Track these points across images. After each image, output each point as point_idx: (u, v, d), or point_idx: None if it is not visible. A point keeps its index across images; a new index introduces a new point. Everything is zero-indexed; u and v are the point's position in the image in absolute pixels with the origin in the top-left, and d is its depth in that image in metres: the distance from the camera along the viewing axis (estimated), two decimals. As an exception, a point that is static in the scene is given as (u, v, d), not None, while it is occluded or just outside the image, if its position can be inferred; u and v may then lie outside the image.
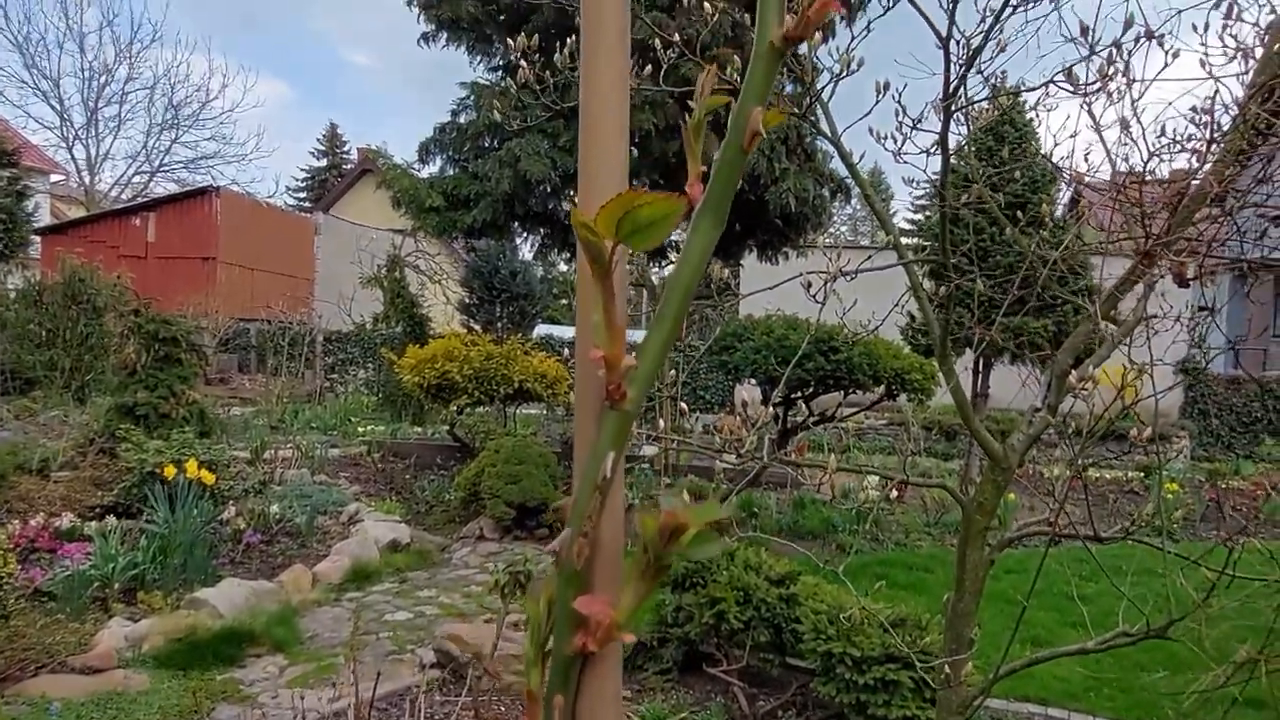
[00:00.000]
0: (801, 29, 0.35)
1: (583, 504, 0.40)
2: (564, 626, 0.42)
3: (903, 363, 7.62)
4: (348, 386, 17.36)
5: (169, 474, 7.02)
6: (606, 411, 0.41)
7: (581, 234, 0.35)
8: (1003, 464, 3.11)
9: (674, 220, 0.35)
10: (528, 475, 7.58)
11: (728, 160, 0.38)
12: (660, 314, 0.41)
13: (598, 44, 0.41)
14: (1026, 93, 2.57)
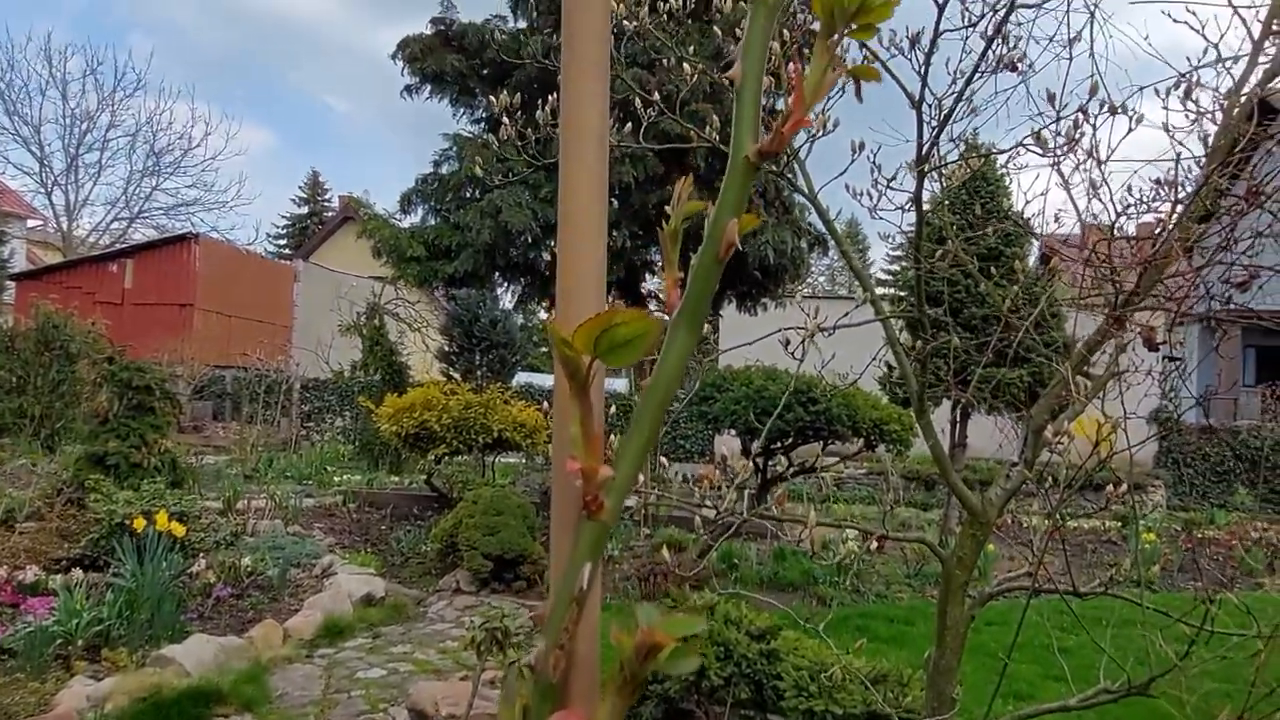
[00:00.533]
0: (775, 144, 0.36)
1: (559, 616, 0.40)
2: None
3: (881, 413, 7.66)
4: (324, 435, 17.17)
5: (138, 526, 6.87)
6: (583, 522, 0.41)
7: (559, 350, 0.36)
8: (981, 518, 3.12)
9: (651, 338, 0.36)
10: (506, 526, 7.49)
11: (704, 269, 0.38)
12: (637, 421, 0.42)
13: (578, 150, 0.42)
14: (997, 155, 2.64)
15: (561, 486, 0.43)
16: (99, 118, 27.80)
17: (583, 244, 0.41)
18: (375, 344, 14.29)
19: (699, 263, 0.39)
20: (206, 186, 28.98)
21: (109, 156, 28.36)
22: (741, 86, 0.37)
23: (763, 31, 0.36)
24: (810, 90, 0.35)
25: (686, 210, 0.41)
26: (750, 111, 0.37)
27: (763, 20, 0.35)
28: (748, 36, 0.36)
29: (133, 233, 27.85)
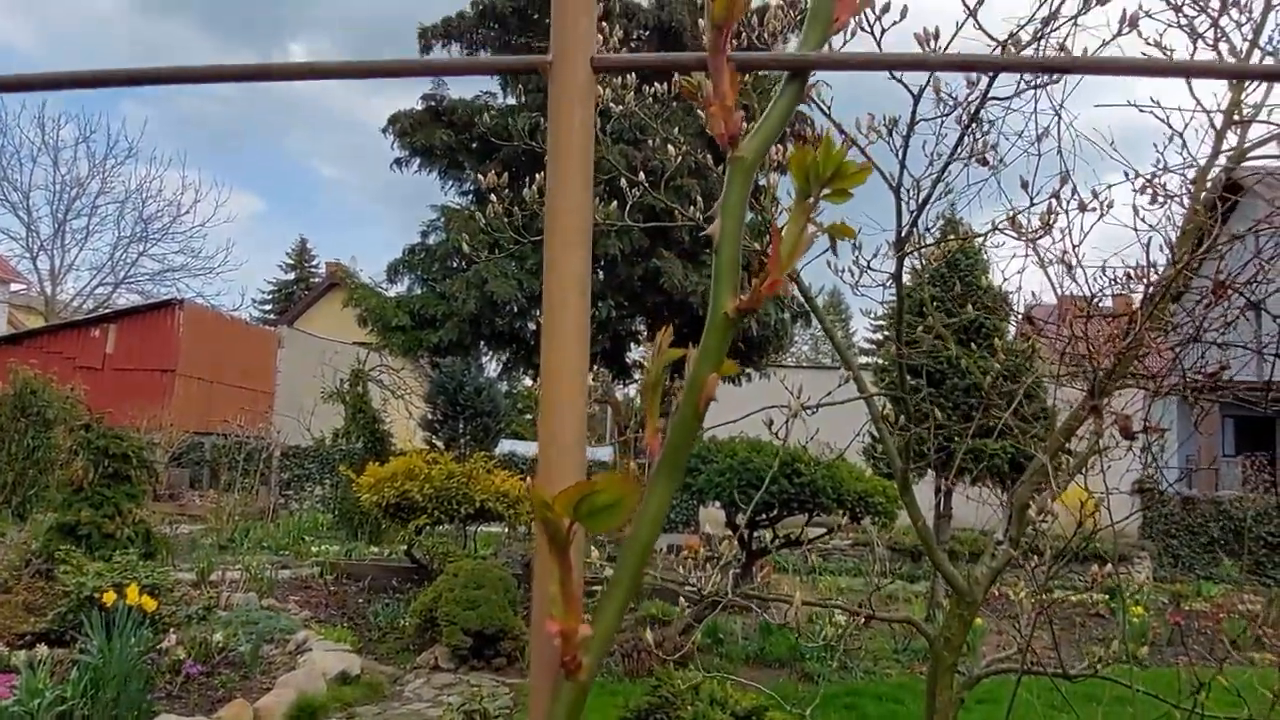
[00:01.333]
0: (753, 301, 0.38)
1: None
2: None
3: (866, 485, 7.64)
4: (303, 503, 16.88)
5: (108, 600, 6.68)
6: (562, 682, 0.41)
7: (540, 512, 0.36)
8: (968, 598, 3.09)
9: (631, 503, 0.36)
10: (487, 600, 7.34)
11: (683, 423, 0.39)
12: (617, 577, 0.42)
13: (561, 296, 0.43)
14: (973, 238, 2.70)
15: (540, 647, 0.43)
16: (89, 184, 28.02)
17: (565, 402, 0.42)
18: (358, 411, 14.18)
19: (679, 416, 0.39)
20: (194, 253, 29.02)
21: (97, 222, 28.48)
22: (720, 245, 0.38)
23: (740, 192, 0.37)
24: (787, 251, 0.36)
25: (666, 358, 0.42)
26: (729, 269, 0.38)
27: (740, 181, 0.37)
28: (725, 197, 0.37)
29: (117, 298, 27.80)
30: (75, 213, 27.95)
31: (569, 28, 0.45)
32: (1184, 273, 3.04)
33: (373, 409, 15.00)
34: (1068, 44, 2.46)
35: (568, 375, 0.42)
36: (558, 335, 0.42)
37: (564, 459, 0.42)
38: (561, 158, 0.43)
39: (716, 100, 0.38)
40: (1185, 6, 3.58)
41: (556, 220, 0.43)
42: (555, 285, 0.43)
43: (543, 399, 0.42)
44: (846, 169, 0.36)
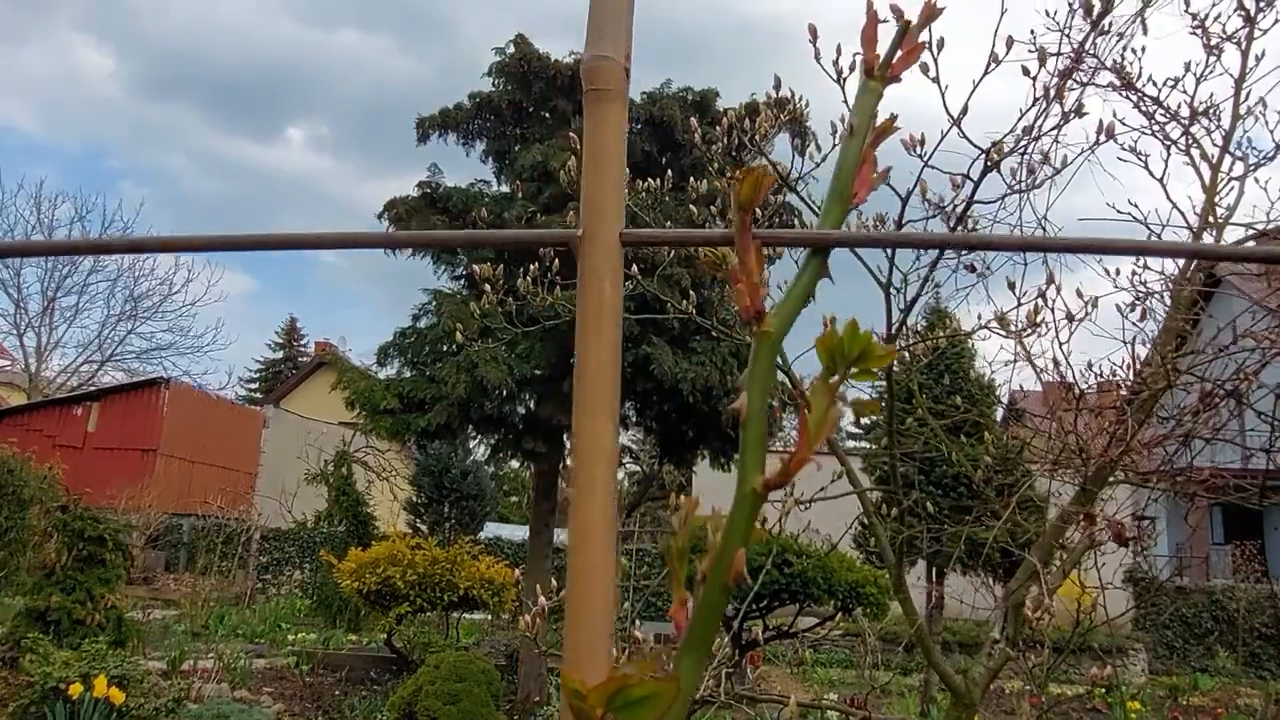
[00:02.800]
0: (781, 479, 0.38)
1: None
2: None
3: (857, 576, 7.53)
4: (281, 588, 16.46)
5: (74, 692, 6.44)
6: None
7: (573, 701, 0.36)
8: (965, 699, 3.03)
9: (666, 700, 0.36)
10: (469, 694, 7.10)
11: (710, 600, 0.39)
12: None
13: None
14: (962, 336, 2.75)
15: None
16: (81, 262, 28.15)
17: (595, 567, 0.42)
18: (341, 493, 13.98)
19: (705, 593, 0.40)
20: (183, 331, 29.02)
21: (87, 300, 28.52)
22: (746, 420, 0.39)
23: (766, 365, 0.38)
24: (814, 429, 0.37)
25: (693, 525, 0.43)
26: (755, 446, 0.39)
27: (766, 355, 0.38)
28: (751, 371, 0.38)
29: (103, 376, 27.61)
30: (66, 290, 28.02)
31: (599, 203, 0.46)
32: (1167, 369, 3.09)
33: (356, 491, 14.80)
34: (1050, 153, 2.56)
35: (597, 547, 0.42)
36: (585, 505, 0.43)
37: (594, 638, 0.41)
38: (590, 330, 0.44)
39: (743, 277, 0.39)
40: (1157, 114, 3.74)
41: (585, 388, 0.43)
42: (585, 455, 0.43)
43: (571, 569, 0.42)
44: (873, 350, 0.37)
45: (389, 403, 7.89)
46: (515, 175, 8.58)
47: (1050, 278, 2.58)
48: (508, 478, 32.34)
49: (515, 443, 8.49)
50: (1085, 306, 2.75)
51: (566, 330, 7.90)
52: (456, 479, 14.68)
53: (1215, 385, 2.39)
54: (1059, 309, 2.64)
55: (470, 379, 7.45)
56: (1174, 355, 2.75)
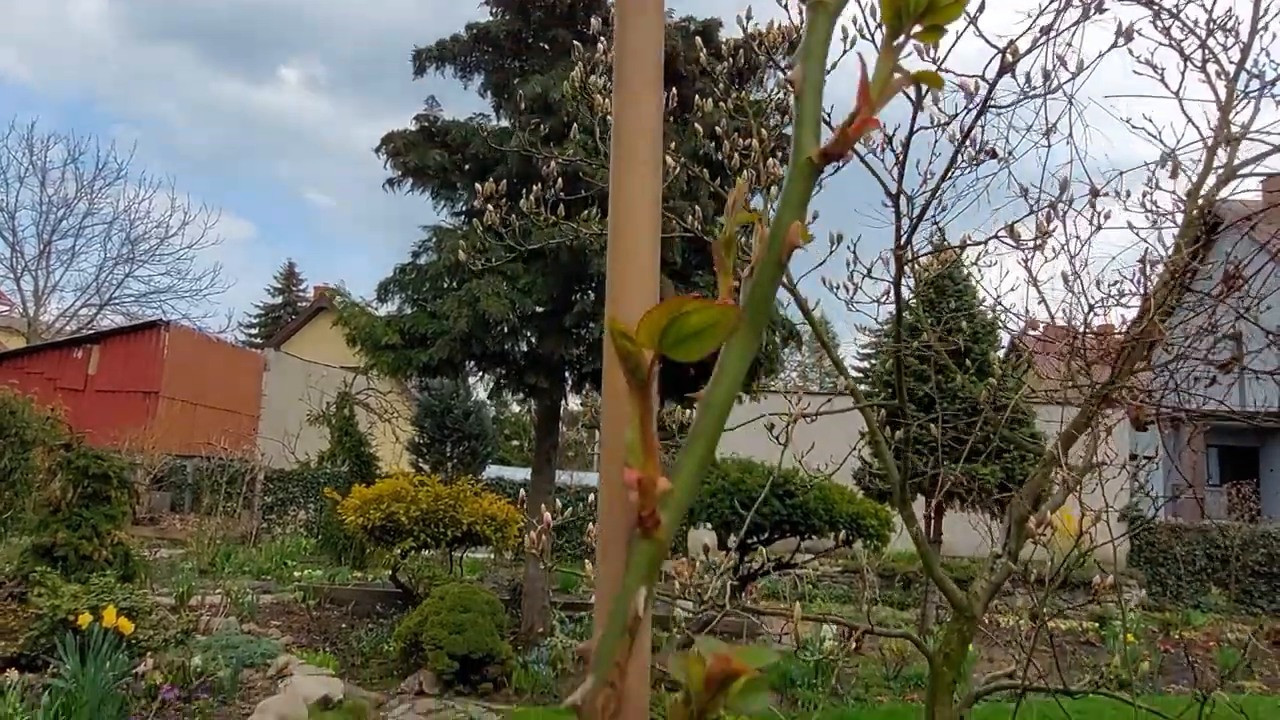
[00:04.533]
0: (840, 146, 0.34)
1: (609, 649, 0.35)
2: None
3: (858, 508, 7.59)
4: (286, 528, 16.65)
5: (83, 622, 6.53)
6: (637, 541, 0.37)
7: (619, 344, 0.33)
8: (967, 612, 3.05)
9: (724, 330, 0.32)
10: (473, 624, 7.21)
11: (766, 274, 0.36)
12: (694, 434, 0.38)
13: (630, 150, 0.40)
14: (972, 245, 2.70)
15: (611, 502, 0.39)
16: (76, 205, 27.89)
17: (638, 238, 0.38)
18: (344, 434, 14.04)
19: (761, 268, 0.36)
20: (181, 275, 28.88)
21: (83, 243, 28.31)
22: (802, 90, 0.35)
23: (823, 35, 0.34)
24: (876, 90, 0.33)
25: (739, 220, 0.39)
26: (812, 113, 0.35)
27: (823, 24, 0.34)
28: (806, 40, 0.34)
29: (101, 319, 27.55)
30: (61, 233, 27.79)
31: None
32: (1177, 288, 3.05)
33: (359, 432, 14.87)
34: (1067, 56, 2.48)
35: (642, 203, 0.39)
36: (629, 167, 0.39)
37: (639, 272, 0.38)
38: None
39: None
40: (1174, 29, 3.62)
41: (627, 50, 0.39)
42: (629, 125, 0.39)
43: (613, 224, 0.38)
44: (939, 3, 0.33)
45: (390, 338, 7.85)
46: (514, 108, 8.41)
47: (1064, 184, 2.52)
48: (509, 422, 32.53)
49: (517, 379, 8.48)
50: (1097, 217, 2.70)
51: (569, 260, 7.84)
52: (459, 419, 14.73)
53: (1238, 269, 2.34)
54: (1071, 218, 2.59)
55: (472, 313, 7.40)
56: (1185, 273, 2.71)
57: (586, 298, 8.28)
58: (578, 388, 9.27)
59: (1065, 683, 2.92)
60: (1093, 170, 3.15)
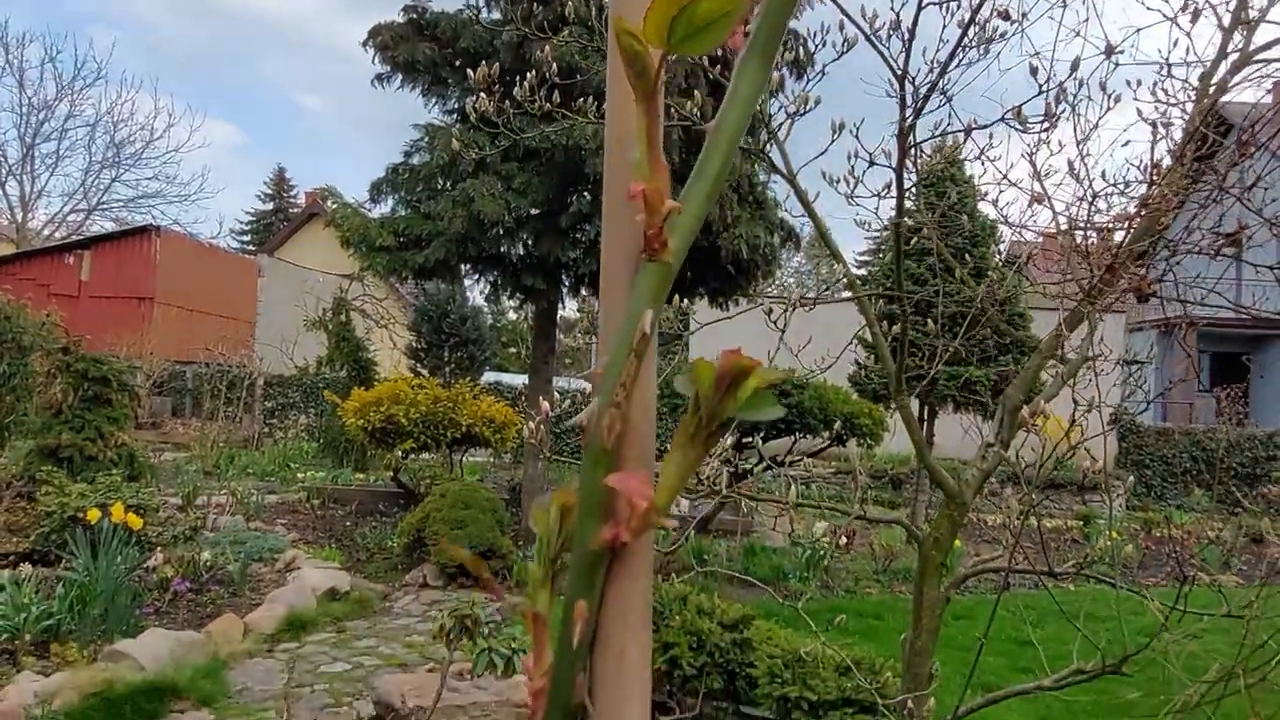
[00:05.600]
0: None
1: (615, 370, 0.35)
2: (589, 517, 0.36)
3: (853, 407, 7.68)
4: (287, 432, 16.86)
5: (92, 518, 6.66)
6: (644, 264, 0.36)
7: (624, 42, 0.31)
8: (958, 499, 3.11)
9: (736, 18, 0.30)
10: (474, 520, 7.39)
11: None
12: (703, 161, 0.36)
13: None
14: (978, 129, 2.63)
15: (616, 226, 0.38)
16: (57, 107, 27.14)
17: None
18: (341, 339, 14.05)
19: None
20: (168, 179, 28.46)
21: (67, 147, 27.74)
22: None
23: None
24: None
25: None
26: None
27: None
28: None
29: (91, 225, 27.20)
30: (44, 136, 27.15)
31: None
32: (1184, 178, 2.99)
33: (356, 337, 14.87)
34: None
35: None
36: None
37: None
38: None
39: None
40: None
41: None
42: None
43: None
44: None
45: (384, 240, 7.76)
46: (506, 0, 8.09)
47: (1075, 64, 2.44)
48: (506, 329, 32.55)
49: (514, 281, 8.43)
50: (1107, 100, 2.62)
51: (564, 160, 7.69)
52: (456, 324, 14.72)
53: (1251, 135, 2.30)
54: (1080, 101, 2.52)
55: (467, 214, 7.29)
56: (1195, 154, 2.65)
57: (582, 199, 8.15)
58: (574, 290, 9.23)
59: (1051, 566, 3.00)
60: (1103, 60, 3.05)
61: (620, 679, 0.35)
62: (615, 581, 0.36)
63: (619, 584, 0.36)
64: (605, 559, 0.35)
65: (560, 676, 0.34)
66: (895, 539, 10.14)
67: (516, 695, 4.69)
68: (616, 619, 0.36)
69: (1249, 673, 2.15)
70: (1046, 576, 3.01)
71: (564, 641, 0.34)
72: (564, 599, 0.36)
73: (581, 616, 0.34)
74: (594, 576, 0.35)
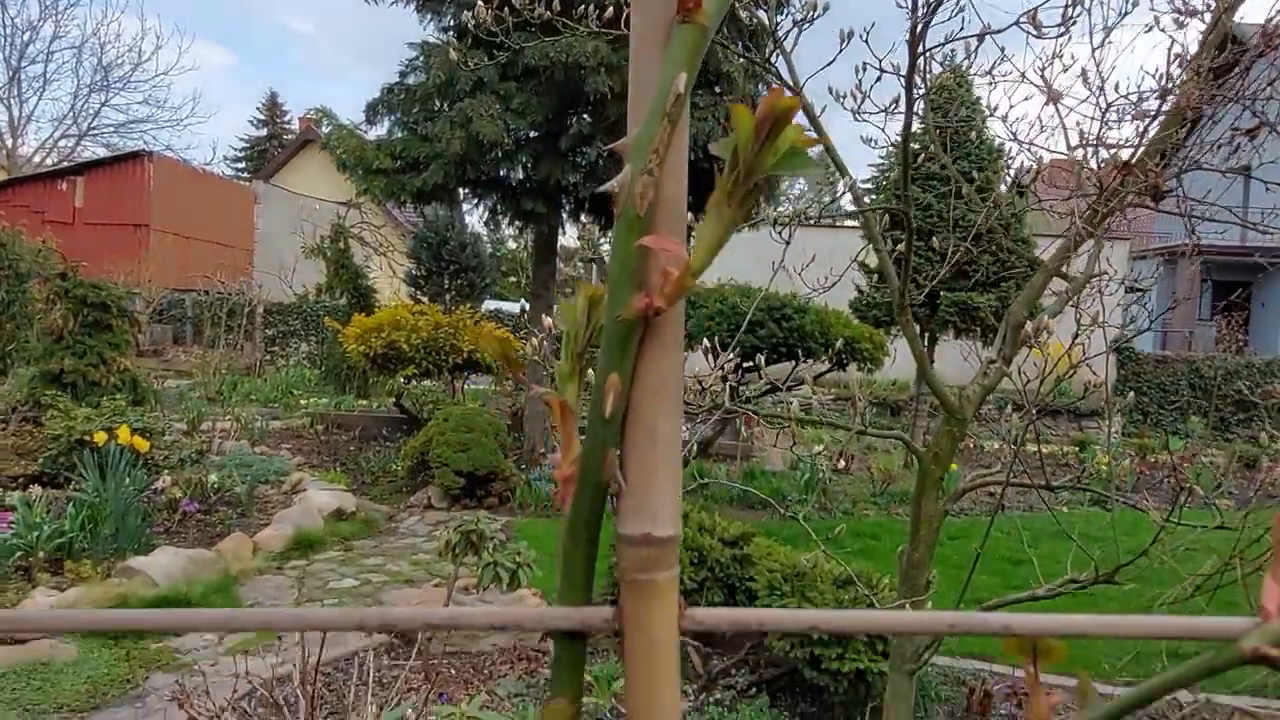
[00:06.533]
0: None
1: (648, 135, 0.34)
2: (621, 287, 0.35)
3: (854, 331, 7.68)
4: (289, 360, 16.91)
5: (99, 440, 6.73)
6: (677, 26, 0.35)
7: None
8: (958, 415, 3.13)
9: None
10: (477, 443, 7.46)
11: None
12: None
13: None
14: (991, 34, 2.56)
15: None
16: (42, 28, 26.56)
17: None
18: (340, 267, 13.97)
19: None
20: (159, 103, 27.94)
21: (54, 69, 27.26)
22: None
23: None
24: None
25: None
26: None
27: None
28: None
29: (82, 151, 26.79)
30: (30, 58, 26.58)
31: None
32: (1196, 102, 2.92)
33: (355, 265, 14.79)
34: None
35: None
36: None
37: None
38: None
39: None
40: None
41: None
42: None
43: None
44: None
45: (382, 163, 7.64)
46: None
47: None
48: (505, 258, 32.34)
49: (514, 204, 8.33)
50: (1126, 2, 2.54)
51: (564, 80, 7.51)
52: (455, 250, 14.62)
53: (1276, 28, 2.23)
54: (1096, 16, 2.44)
55: (465, 135, 7.15)
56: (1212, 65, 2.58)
57: (582, 121, 7.99)
58: (575, 216, 9.13)
59: (1049, 479, 3.04)
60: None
61: (653, 453, 0.35)
62: (648, 354, 0.36)
63: (652, 356, 0.36)
64: (638, 330, 0.35)
65: (591, 453, 0.34)
66: (893, 463, 10.27)
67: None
68: (648, 393, 0.35)
69: (1245, 562, 2.20)
70: (1044, 490, 3.06)
71: (595, 416, 0.34)
72: (595, 373, 0.35)
73: (615, 388, 0.34)
74: (626, 348, 0.35)
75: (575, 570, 0.34)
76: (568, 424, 0.36)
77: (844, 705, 3.89)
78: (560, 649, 0.34)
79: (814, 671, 3.74)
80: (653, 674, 0.32)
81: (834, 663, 3.66)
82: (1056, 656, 0.33)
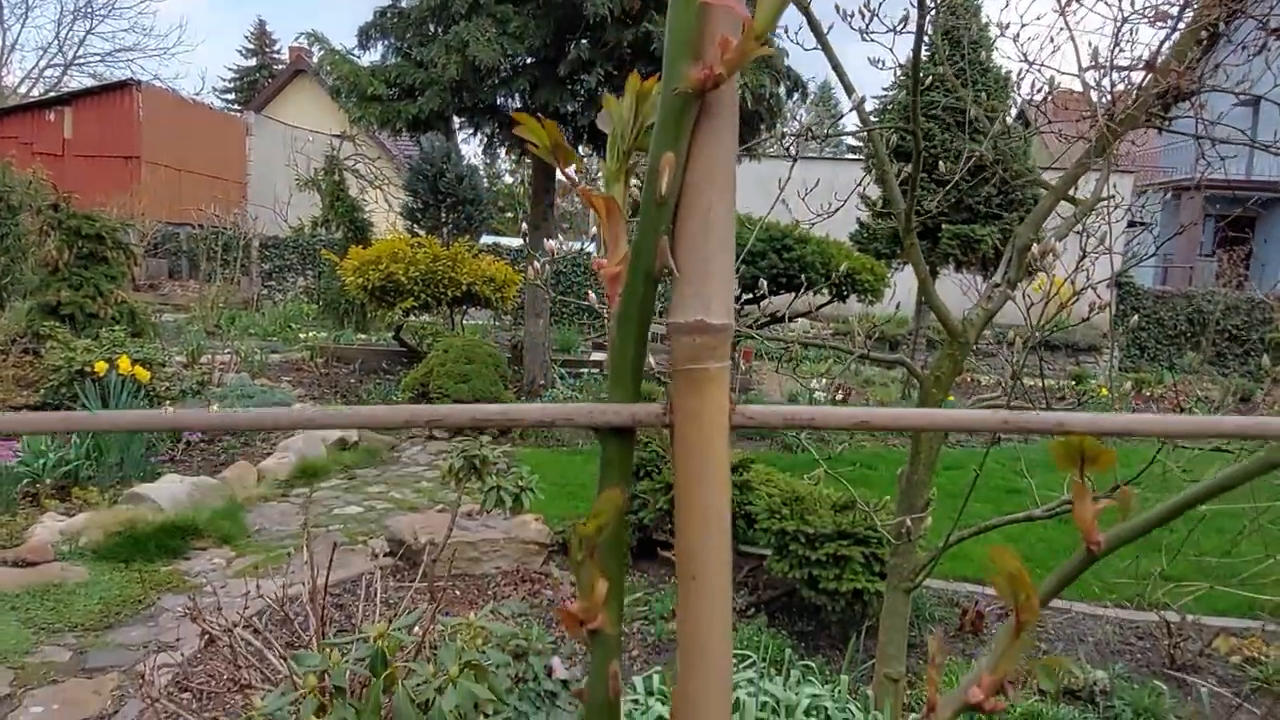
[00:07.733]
0: None
1: None
2: (677, 59, 0.34)
3: (855, 262, 7.64)
4: (286, 294, 16.83)
5: (100, 370, 6.75)
6: None
7: None
8: (960, 338, 3.14)
9: None
10: (478, 374, 7.49)
11: None
12: None
13: None
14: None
15: None
16: (20, -48, 25.54)
17: None
18: (336, 199, 13.78)
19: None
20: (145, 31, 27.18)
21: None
22: None
23: None
24: None
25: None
26: None
27: None
28: None
29: (69, 81, 26.20)
30: (9, -16, 25.71)
31: None
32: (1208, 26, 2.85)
33: (350, 197, 14.59)
34: None
35: None
36: None
37: None
38: None
39: None
40: None
41: None
42: None
43: None
44: None
45: (376, 89, 7.48)
46: None
47: None
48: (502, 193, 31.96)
49: (511, 132, 8.18)
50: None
51: (562, 2, 7.31)
52: (452, 183, 14.42)
53: None
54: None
55: (461, 60, 6.99)
56: None
57: (581, 46, 7.80)
58: (574, 145, 8.99)
59: (1050, 404, 3.06)
60: None
61: (708, 238, 0.34)
62: (702, 134, 0.35)
63: (705, 139, 0.35)
64: (694, 107, 0.34)
65: (643, 240, 0.34)
66: (890, 396, 10.34)
67: (524, 533, 4.89)
68: (703, 175, 0.35)
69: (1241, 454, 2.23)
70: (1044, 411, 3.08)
71: (648, 200, 0.34)
72: (649, 153, 0.35)
73: (670, 165, 0.33)
74: (682, 125, 0.34)
75: (624, 366, 0.34)
76: (614, 224, 0.36)
77: (840, 624, 3.99)
78: (609, 449, 0.34)
79: (811, 591, 3.83)
80: (705, 468, 0.32)
81: (831, 583, 3.73)
82: (1105, 463, 0.33)
